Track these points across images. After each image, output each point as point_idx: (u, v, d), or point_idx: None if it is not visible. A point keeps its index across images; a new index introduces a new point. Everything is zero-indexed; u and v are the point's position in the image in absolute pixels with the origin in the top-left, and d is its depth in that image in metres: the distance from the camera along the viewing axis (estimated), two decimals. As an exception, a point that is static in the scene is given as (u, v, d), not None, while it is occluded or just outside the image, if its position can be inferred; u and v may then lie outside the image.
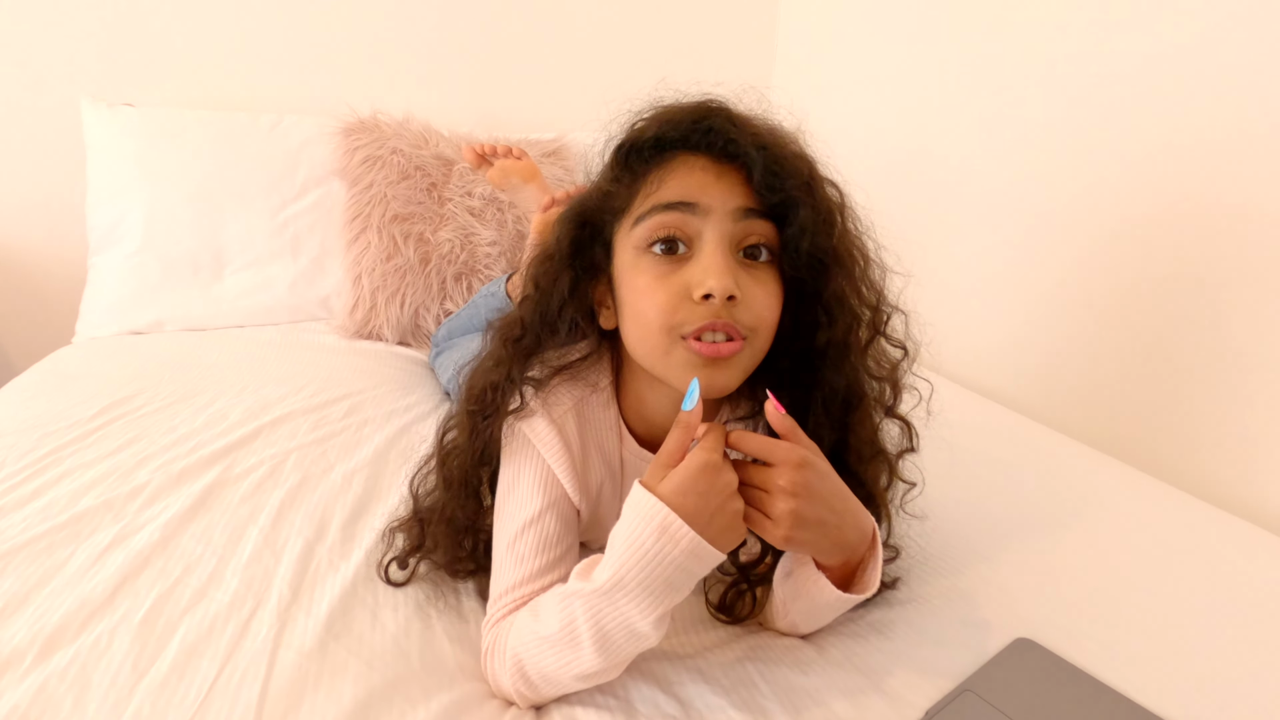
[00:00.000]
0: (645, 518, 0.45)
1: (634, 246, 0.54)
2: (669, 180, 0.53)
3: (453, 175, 1.35)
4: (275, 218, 1.34)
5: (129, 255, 1.27)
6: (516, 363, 0.59)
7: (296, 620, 0.61)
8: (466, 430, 0.62)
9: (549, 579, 0.57)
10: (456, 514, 0.62)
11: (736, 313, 0.51)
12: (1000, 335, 1.28)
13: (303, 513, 0.76)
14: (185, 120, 1.33)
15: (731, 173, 0.53)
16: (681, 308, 0.51)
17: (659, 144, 0.54)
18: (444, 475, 0.63)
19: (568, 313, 0.58)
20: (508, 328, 0.60)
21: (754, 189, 0.52)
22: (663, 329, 0.52)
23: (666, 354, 0.52)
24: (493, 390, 0.60)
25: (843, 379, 0.57)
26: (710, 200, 0.52)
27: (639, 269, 0.54)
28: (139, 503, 0.75)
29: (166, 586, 0.63)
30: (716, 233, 0.52)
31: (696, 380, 0.49)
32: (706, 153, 0.53)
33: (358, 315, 1.29)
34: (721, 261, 0.50)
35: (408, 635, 0.60)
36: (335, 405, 1.02)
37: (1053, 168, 1.17)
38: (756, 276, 0.53)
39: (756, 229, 0.52)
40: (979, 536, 0.76)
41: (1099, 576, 0.71)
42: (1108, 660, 0.60)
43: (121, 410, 0.96)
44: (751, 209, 0.52)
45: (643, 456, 0.64)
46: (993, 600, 0.67)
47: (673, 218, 0.52)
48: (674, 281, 0.52)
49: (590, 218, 0.58)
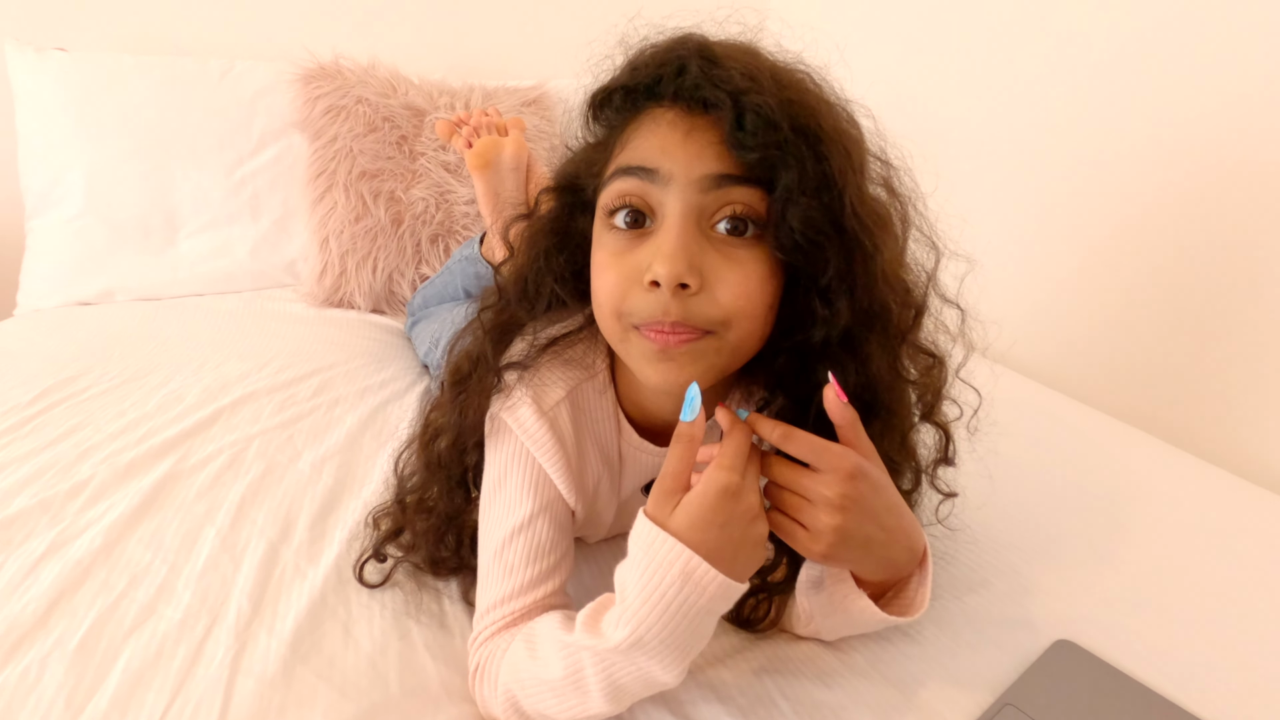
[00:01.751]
0: (663, 564, 0.38)
1: (600, 215, 0.46)
2: (634, 138, 0.44)
3: (424, 127, 1.24)
4: (231, 175, 1.23)
5: (70, 218, 1.16)
6: (493, 338, 0.52)
7: (258, 639, 0.54)
8: (450, 408, 0.54)
9: (542, 591, 0.51)
10: (440, 502, 0.55)
11: (694, 305, 0.42)
12: (1028, 306, 1.21)
13: (266, 509, 0.69)
14: (125, 67, 1.20)
15: (705, 128, 0.43)
16: (631, 293, 0.43)
17: (626, 95, 0.46)
18: (426, 457, 0.56)
19: (546, 285, 0.50)
20: (486, 297, 0.53)
21: (729, 147, 0.42)
22: (612, 314, 0.44)
23: (622, 340, 0.45)
24: (471, 364, 0.52)
25: (850, 383, 0.46)
26: (672, 165, 0.42)
27: (600, 241, 0.46)
28: (80, 502, 0.67)
29: (109, 603, 0.56)
30: (679, 205, 0.42)
31: (695, 385, 0.41)
32: (676, 103, 0.44)
33: (326, 282, 1.20)
34: (675, 242, 0.41)
35: (385, 654, 0.54)
36: (303, 383, 0.94)
37: (1084, 129, 1.08)
38: (733, 258, 0.42)
39: (736, 199, 0.42)
40: (1009, 525, 0.70)
41: (1141, 568, 0.66)
42: (1154, 661, 0.55)
43: (64, 393, 0.87)
44: (725, 175, 0.42)
45: (644, 449, 0.57)
46: (1028, 597, 0.61)
47: (631, 185, 0.43)
48: (628, 261, 0.43)
49: (570, 180, 0.50)
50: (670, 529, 0.39)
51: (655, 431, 0.57)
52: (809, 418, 0.46)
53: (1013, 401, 0.99)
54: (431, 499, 0.57)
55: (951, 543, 0.67)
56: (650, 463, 0.57)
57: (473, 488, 0.56)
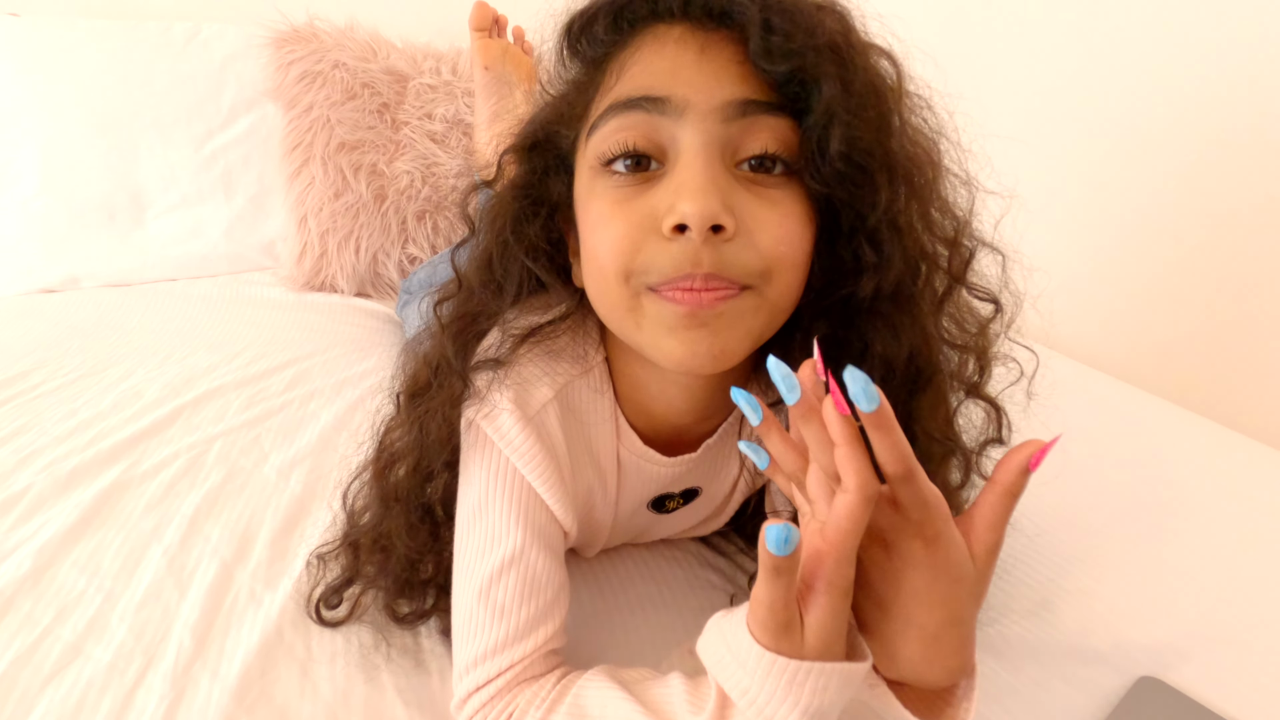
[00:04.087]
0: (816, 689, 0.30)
1: (589, 165, 0.38)
2: (630, 66, 0.36)
3: (408, 94, 1.14)
4: (200, 150, 1.14)
5: (27, 199, 1.07)
6: (455, 333, 0.43)
7: (198, 685, 0.46)
8: (409, 427, 0.46)
9: (542, 634, 0.42)
10: (399, 541, 0.46)
11: (730, 253, 0.34)
12: (1074, 276, 1.10)
13: (222, 523, 0.60)
14: (82, 32, 1.10)
15: (721, 45, 0.35)
16: (646, 245, 0.35)
17: (617, 16, 0.37)
18: (381, 488, 0.47)
19: (516, 264, 0.41)
20: (445, 289, 0.44)
21: (754, 65, 0.34)
22: (617, 275, 0.35)
23: (632, 312, 0.36)
24: (430, 370, 0.44)
25: (904, 346, 0.39)
26: (687, 90, 0.35)
27: (594, 193, 0.37)
28: (12, 519, 0.60)
29: (28, 642, 0.48)
30: (699, 137, 0.34)
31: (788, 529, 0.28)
32: (680, 19, 0.36)
33: (306, 264, 1.11)
34: (702, 174, 0.34)
35: (347, 702, 0.46)
36: (276, 375, 0.86)
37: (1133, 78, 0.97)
38: (766, 197, 0.35)
39: (761, 128, 0.35)
40: (1070, 533, 0.61)
41: (1230, 586, 0.57)
42: (1253, 699, 0.47)
43: (13, 390, 0.79)
44: (751, 101, 0.35)
45: (648, 458, 0.48)
46: (1100, 623, 0.53)
47: (634, 120, 0.35)
48: (637, 208, 0.35)
49: (541, 135, 0.41)
50: (808, 657, 0.30)
51: (661, 438, 0.48)
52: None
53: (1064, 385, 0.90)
54: (387, 536, 0.47)
55: (1002, 558, 0.58)
56: (654, 473, 0.49)
57: (441, 521, 0.47)
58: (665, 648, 0.51)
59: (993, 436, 0.45)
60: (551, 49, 0.42)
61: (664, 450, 0.48)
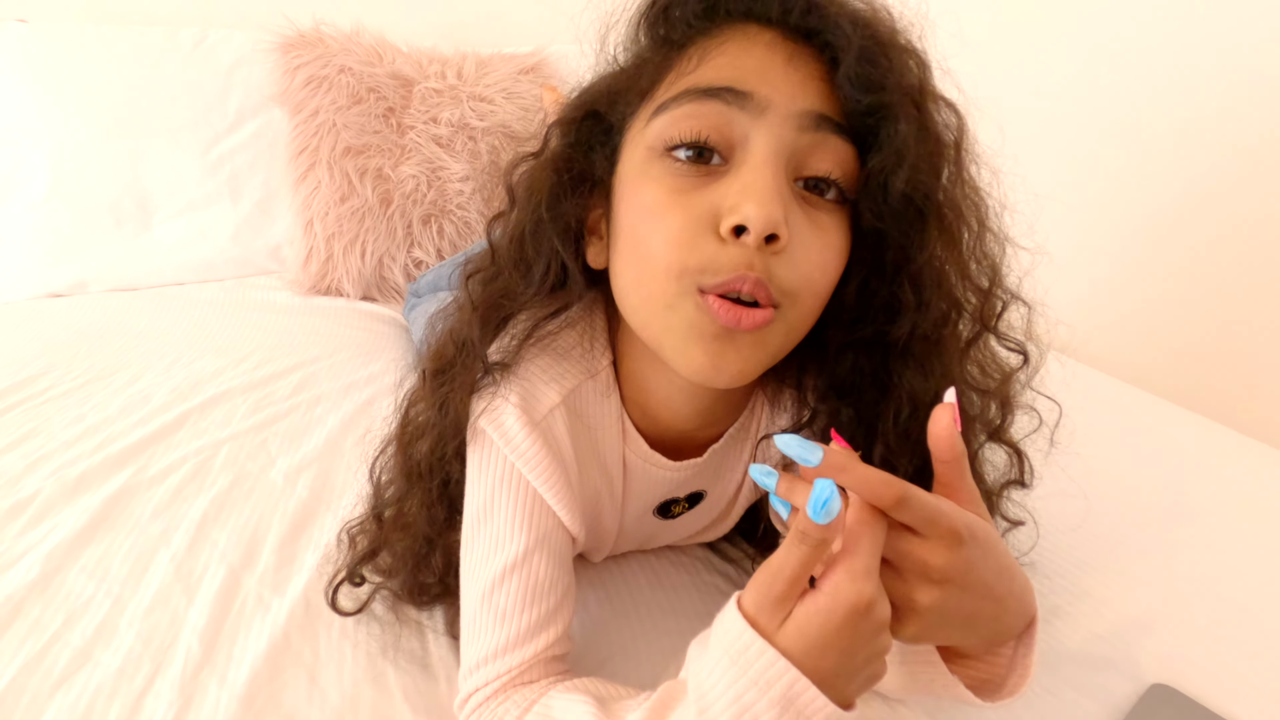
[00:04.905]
0: (760, 682, 0.29)
1: (648, 145, 0.37)
2: (715, 56, 0.36)
3: (413, 98, 1.15)
4: (207, 154, 1.14)
5: (36, 204, 1.08)
6: (482, 314, 0.43)
7: (206, 692, 0.46)
8: (431, 401, 0.45)
9: (544, 639, 0.42)
10: (419, 518, 0.47)
11: (775, 266, 0.34)
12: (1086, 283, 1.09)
13: (230, 528, 0.61)
14: (90, 38, 1.11)
15: (807, 59, 0.36)
16: (701, 243, 0.35)
17: (710, 7, 0.37)
18: (405, 462, 0.47)
19: (547, 243, 0.41)
20: (478, 261, 0.44)
21: (838, 88, 0.35)
22: (669, 271, 0.35)
23: (669, 308, 0.36)
24: (456, 346, 0.43)
25: (931, 386, 0.40)
26: (771, 91, 0.35)
27: (648, 176, 0.37)
28: (21, 523, 0.60)
29: (38, 648, 0.49)
30: (771, 141, 0.34)
31: (832, 486, 0.28)
32: (777, 26, 0.36)
33: (312, 268, 1.11)
34: (771, 180, 0.34)
35: (355, 707, 0.46)
36: (282, 379, 0.86)
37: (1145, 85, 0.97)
38: (816, 221, 0.36)
39: (829, 149, 0.36)
40: (1085, 542, 0.61)
41: (1242, 594, 0.57)
42: (1265, 708, 0.46)
43: (21, 395, 0.79)
44: (827, 117, 0.35)
45: (654, 462, 0.48)
46: (1111, 630, 0.52)
47: (711, 109, 0.35)
48: (695, 201, 0.35)
49: (598, 104, 0.40)
50: (779, 645, 0.29)
51: (667, 443, 0.48)
52: (876, 431, 0.38)
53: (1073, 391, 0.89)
54: (410, 514, 0.48)
55: (1013, 560, 0.58)
56: (661, 477, 0.49)
57: (456, 502, 0.47)
58: (673, 653, 0.51)
59: (1014, 479, 0.46)
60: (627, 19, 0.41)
61: (670, 455, 0.48)
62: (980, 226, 0.39)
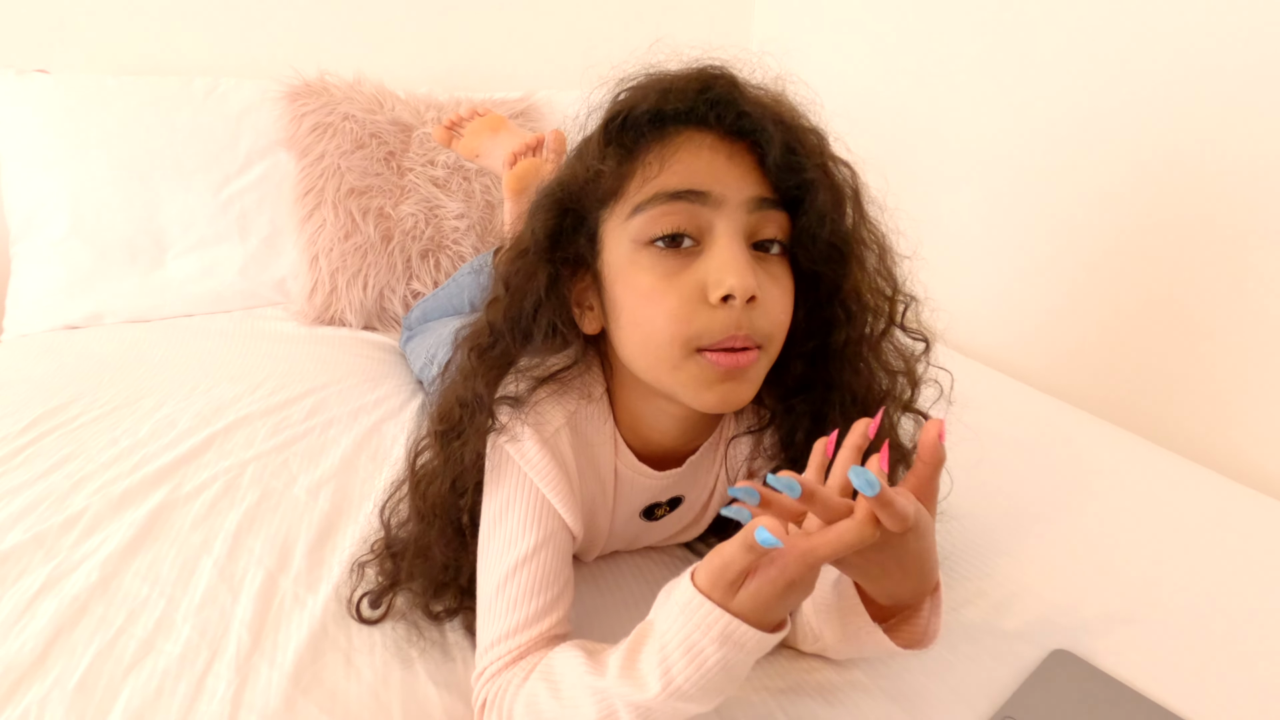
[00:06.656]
0: (701, 625, 0.38)
1: (631, 239, 0.47)
2: (672, 162, 0.45)
3: (412, 142, 1.24)
4: (218, 195, 1.23)
5: (56, 242, 1.15)
6: (486, 377, 0.51)
7: (259, 672, 0.54)
8: (438, 454, 0.55)
9: (547, 622, 0.51)
10: (434, 549, 0.55)
11: (755, 319, 0.45)
12: (993, 295, 1.22)
13: (263, 537, 0.68)
14: (108, 87, 1.19)
15: (743, 153, 0.46)
16: (698, 314, 0.44)
17: (658, 117, 0.46)
18: (417, 505, 0.56)
19: (545, 316, 0.50)
20: (476, 335, 0.53)
21: (768, 173, 0.45)
22: (674, 340, 0.45)
23: (676, 369, 0.46)
24: (461, 408, 0.52)
25: (861, 380, 0.52)
26: (724, 189, 0.45)
27: (639, 266, 0.46)
28: (74, 535, 0.67)
29: (107, 639, 0.56)
30: (732, 225, 0.45)
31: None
32: (715, 129, 0.46)
33: (317, 300, 1.19)
34: (740, 255, 0.44)
35: (387, 684, 0.54)
36: (296, 404, 0.94)
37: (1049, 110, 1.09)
38: (772, 274, 0.47)
39: (771, 219, 0.46)
40: (999, 530, 0.71)
41: (1135, 574, 0.67)
42: (1151, 670, 0.56)
43: (55, 421, 0.86)
44: (767, 199, 0.46)
45: (640, 471, 0.57)
46: (1022, 606, 0.62)
47: (680, 209, 0.45)
48: (685, 282, 0.45)
49: (573, 203, 0.50)
50: (734, 610, 0.37)
51: (652, 456, 0.57)
52: (827, 421, 0.50)
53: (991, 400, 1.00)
54: (428, 546, 0.56)
55: (943, 550, 0.67)
56: (647, 485, 0.58)
57: (468, 532, 0.55)
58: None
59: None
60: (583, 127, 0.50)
61: (655, 465, 0.57)
62: (880, 249, 0.51)
